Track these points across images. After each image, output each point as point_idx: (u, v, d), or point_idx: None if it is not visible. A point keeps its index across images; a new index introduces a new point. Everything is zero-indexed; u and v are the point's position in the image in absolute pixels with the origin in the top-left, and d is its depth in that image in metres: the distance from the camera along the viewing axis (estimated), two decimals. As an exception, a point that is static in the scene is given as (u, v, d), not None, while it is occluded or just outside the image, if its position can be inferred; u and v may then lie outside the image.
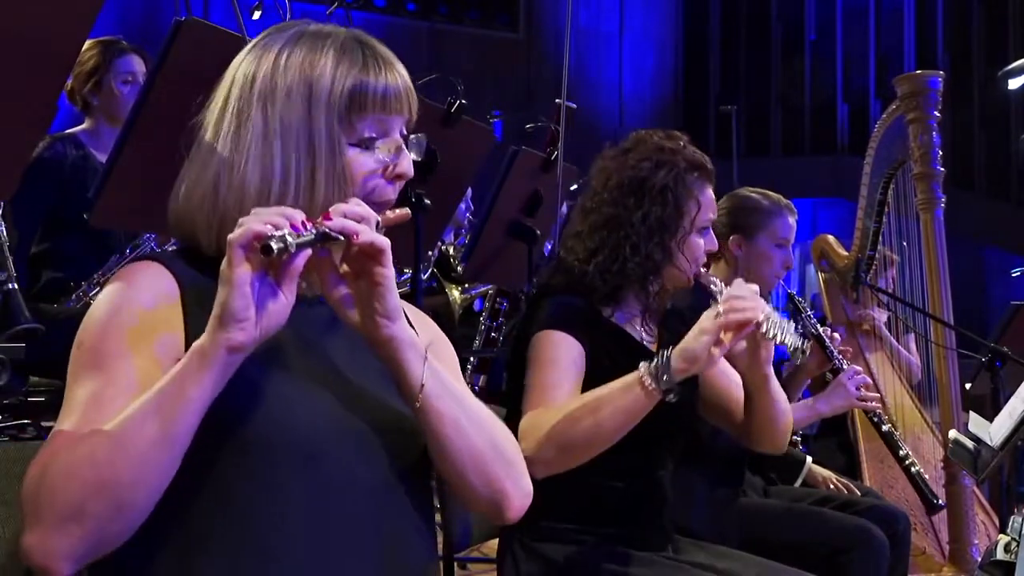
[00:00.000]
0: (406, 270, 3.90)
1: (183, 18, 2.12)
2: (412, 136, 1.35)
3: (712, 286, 1.99)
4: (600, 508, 1.99)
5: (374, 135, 1.29)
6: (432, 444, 1.29)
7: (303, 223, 1.15)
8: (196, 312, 1.21)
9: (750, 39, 10.57)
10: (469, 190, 4.78)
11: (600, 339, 2.00)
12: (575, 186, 3.97)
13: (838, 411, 2.93)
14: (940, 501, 3.03)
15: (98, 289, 2.98)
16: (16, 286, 2.42)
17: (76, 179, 3.12)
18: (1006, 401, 2.41)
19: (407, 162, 1.32)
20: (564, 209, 3.62)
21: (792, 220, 3.00)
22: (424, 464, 1.33)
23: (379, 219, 1.23)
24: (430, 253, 4.30)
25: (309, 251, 1.16)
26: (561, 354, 1.96)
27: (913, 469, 2.98)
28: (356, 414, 1.26)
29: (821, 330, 2.93)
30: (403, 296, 1.56)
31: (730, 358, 1.93)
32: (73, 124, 3.33)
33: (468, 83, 3.12)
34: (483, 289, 4.67)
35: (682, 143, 2.12)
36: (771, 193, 3.04)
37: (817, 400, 2.85)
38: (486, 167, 3.26)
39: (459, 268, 4.52)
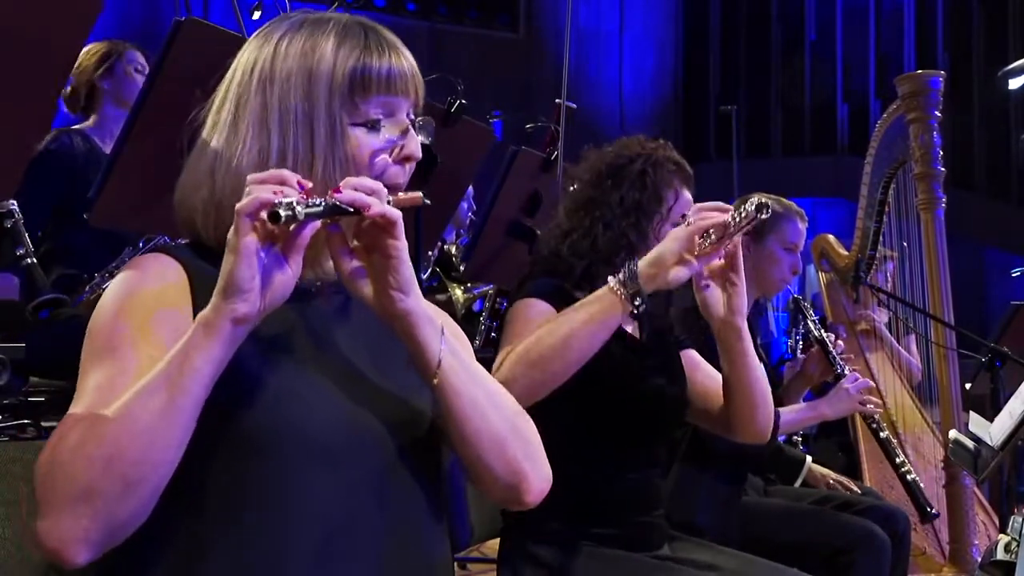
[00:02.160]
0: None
1: (183, 18, 2.11)
2: (419, 119, 1.32)
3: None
4: (596, 508, 1.99)
5: (380, 116, 1.28)
6: (450, 424, 1.25)
7: (308, 193, 1.13)
8: (204, 301, 1.18)
9: (750, 39, 10.57)
10: (471, 190, 4.78)
11: None
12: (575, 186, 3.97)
13: (841, 415, 2.96)
14: (934, 510, 3.03)
15: (110, 280, 2.98)
16: (35, 260, 2.44)
17: (86, 171, 3.12)
18: (1006, 401, 2.41)
19: (415, 144, 1.30)
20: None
21: (802, 226, 3.00)
22: (438, 462, 1.31)
23: (390, 198, 1.20)
24: (430, 253, 4.30)
25: (318, 223, 1.14)
26: (533, 314, 1.96)
27: (909, 477, 2.99)
28: (373, 412, 1.24)
29: (824, 335, 2.93)
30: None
31: (706, 310, 1.89)
32: (70, 124, 3.31)
33: (468, 83, 3.12)
34: (486, 289, 4.67)
35: (663, 142, 2.16)
36: (783, 199, 3.05)
37: (821, 403, 2.87)
38: (486, 167, 3.26)
39: (461, 268, 4.51)
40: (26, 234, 2.46)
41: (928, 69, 3.82)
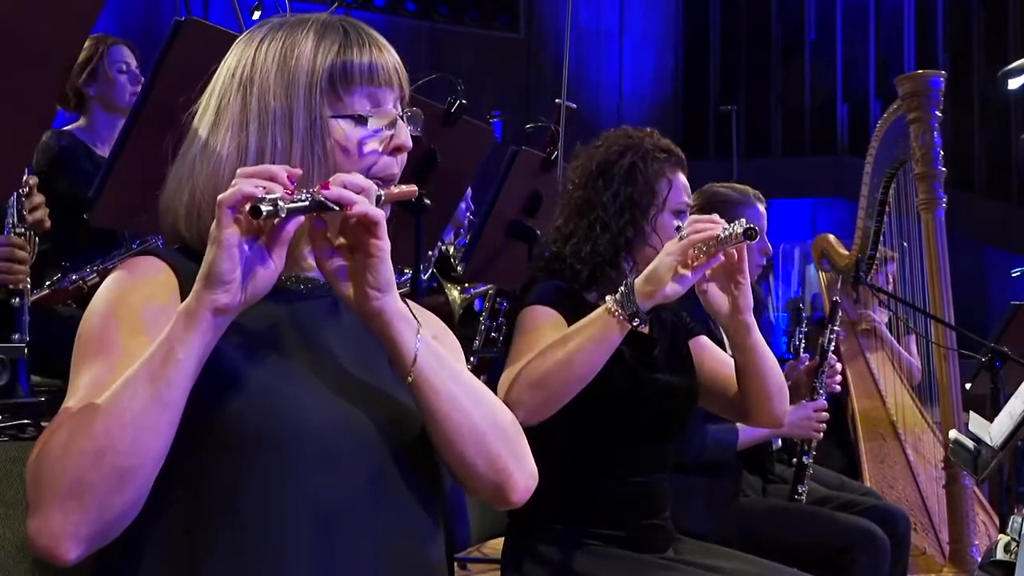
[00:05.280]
0: (406, 270, 3.91)
1: (183, 18, 2.12)
2: (407, 111, 1.33)
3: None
4: (602, 511, 1.99)
5: (366, 109, 1.29)
6: (429, 421, 1.26)
7: (292, 189, 1.14)
8: None
9: (750, 39, 10.56)
10: (469, 190, 4.78)
11: None
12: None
13: (796, 437, 2.92)
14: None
15: (95, 277, 2.99)
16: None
17: (81, 172, 3.12)
18: (1006, 401, 2.41)
19: (405, 134, 1.31)
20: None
21: (762, 208, 2.99)
22: (434, 462, 1.31)
23: (382, 192, 1.21)
24: (430, 253, 4.30)
25: (302, 218, 1.14)
26: (540, 323, 1.97)
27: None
28: (366, 412, 1.24)
29: (831, 356, 2.92)
30: (403, 296, 1.55)
31: (711, 310, 1.92)
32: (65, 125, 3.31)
33: (468, 83, 3.11)
34: (483, 289, 4.67)
35: (650, 130, 2.16)
36: (737, 184, 3.04)
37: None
38: (486, 167, 3.26)
39: (459, 268, 4.51)
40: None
41: (928, 69, 3.82)
